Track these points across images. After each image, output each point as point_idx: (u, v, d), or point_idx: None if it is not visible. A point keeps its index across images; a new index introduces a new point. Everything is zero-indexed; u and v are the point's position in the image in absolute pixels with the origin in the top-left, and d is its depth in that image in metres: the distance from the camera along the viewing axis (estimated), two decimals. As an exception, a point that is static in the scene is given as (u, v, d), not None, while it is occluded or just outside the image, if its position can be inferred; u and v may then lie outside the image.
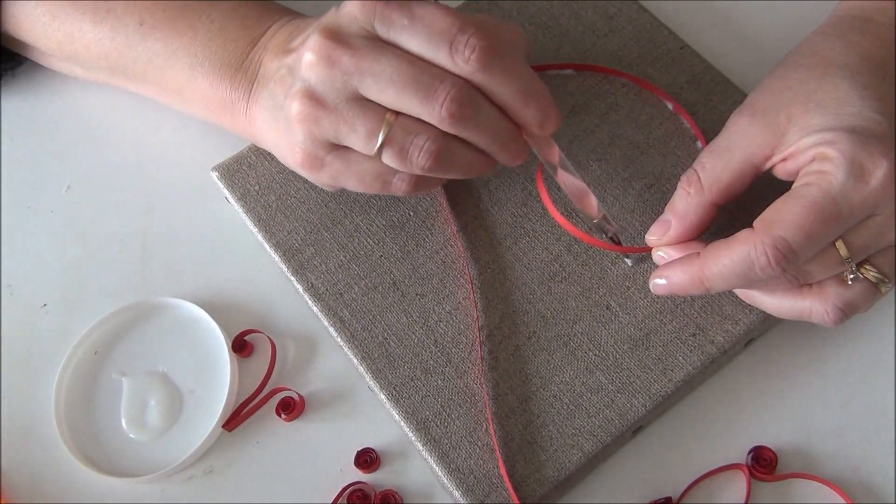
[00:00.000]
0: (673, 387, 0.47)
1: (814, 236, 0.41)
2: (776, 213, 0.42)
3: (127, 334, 0.53)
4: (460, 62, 0.42)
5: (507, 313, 0.50)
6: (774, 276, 0.42)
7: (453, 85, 0.42)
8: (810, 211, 0.41)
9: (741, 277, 0.43)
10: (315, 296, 0.51)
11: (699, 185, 0.46)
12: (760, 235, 0.42)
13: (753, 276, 0.42)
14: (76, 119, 0.61)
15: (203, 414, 0.51)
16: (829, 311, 0.44)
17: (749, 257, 0.42)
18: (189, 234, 0.56)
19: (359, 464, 0.49)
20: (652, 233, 0.48)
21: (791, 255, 0.41)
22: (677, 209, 0.47)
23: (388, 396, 0.48)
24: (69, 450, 0.50)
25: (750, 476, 0.47)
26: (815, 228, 0.41)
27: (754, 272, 0.42)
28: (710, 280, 0.44)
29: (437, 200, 0.53)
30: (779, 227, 0.42)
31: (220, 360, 0.52)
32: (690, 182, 0.46)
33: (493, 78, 0.42)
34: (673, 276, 0.46)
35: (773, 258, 0.41)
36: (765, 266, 0.42)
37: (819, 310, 0.44)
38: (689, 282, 0.45)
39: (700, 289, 0.45)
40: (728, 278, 0.43)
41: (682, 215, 0.46)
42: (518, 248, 0.51)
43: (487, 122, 0.43)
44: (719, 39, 0.60)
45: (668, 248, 0.47)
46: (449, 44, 0.41)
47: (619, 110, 0.55)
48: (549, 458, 0.46)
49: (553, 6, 0.58)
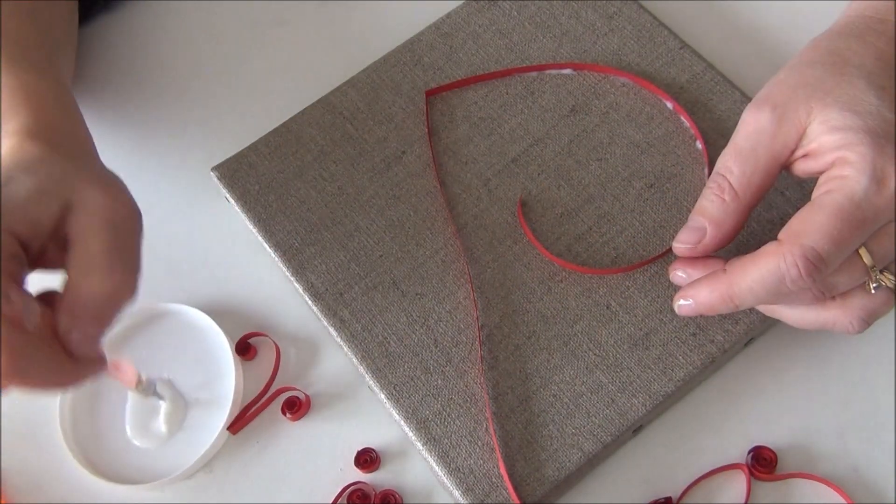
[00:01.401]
0: (673, 386, 0.47)
1: (842, 244, 0.41)
2: (802, 224, 0.42)
3: (132, 340, 0.53)
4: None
5: (507, 313, 0.50)
6: (805, 288, 0.42)
7: None
8: (837, 218, 0.41)
9: (771, 291, 0.42)
10: (315, 296, 0.51)
11: (732, 190, 0.45)
12: (789, 247, 0.41)
13: (784, 289, 0.42)
14: (76, 119, 0.61)
15: (208, 421, 0.51)
16: (853, 323, 0.43)
17: (779, 270, 0.41)
18: (188, 234, 0.56)
19: (359, 463, 0.49)
20: (684, 241, 0.46)
21: (821, 265, 0.41)
22: (713, 216, 0.45)
23: (388, 396, 0.48)
24: (73, 455, 0.50)
25: (750, 476, 0.47)
26: (843, 235, 0.41)
27: (785, 285, 0.42)
28: (739, 297, 0.43)
29: (437, 200, 0.53)
30: (807, 236, 0.41)
31: (224, 366, 0.52)
32: (723, 189, 0.45)
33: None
34: (699, 295, 0.45)
35: (804, 269, 0.41)
36: (796, 278, 0.41)
37: (843, 322, 0.44)
38: (718, 300, 0.44)
39: (729, 306, 0.44)
40: (758, 293, 0.43)
41: (718, 222, 0.45)
42: (518, 247, 0.51)
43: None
44: (719, 39, 0.60)
45: (687, 268, 0.47)
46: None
47: (619, 110, 0.55)
48: (549, 458, 0.46)
49: (553, 6, 0.58)
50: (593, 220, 0.52)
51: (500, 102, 0.56)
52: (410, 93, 0.56)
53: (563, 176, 0.53)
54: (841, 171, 0.42)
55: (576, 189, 0.53)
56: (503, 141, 0.54)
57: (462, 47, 0.58)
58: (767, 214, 0.51)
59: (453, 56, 0.57)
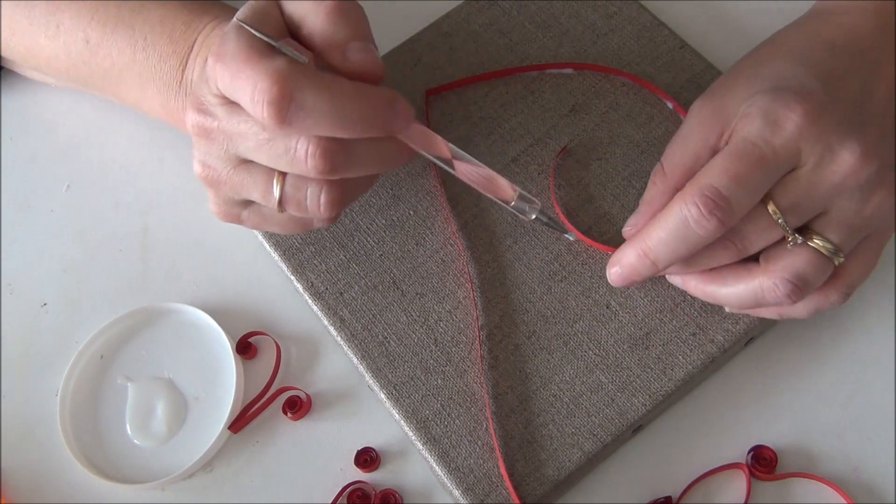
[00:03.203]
0: (673, 386, 0.47)
1: (740, 180, 0.42)
2: (702, 171, 0.43)
3: (133, 339, 0.53)
4: (261, 112, 0.39)
5: (507, 312, 0.50)
6: (711, 230, 0.42)
7: (308, 140, 0.40)
8: (731, 156, 0.42)
9: (681, 240, 0.43)
10: (315, 295, 0.51)
11: (662, 172, 0.46)
12: (689, 188, 0.42)
13: (692, 234, 0.42)
14: (76, 119, 0.61)
15: (208, 421, 0.51)
16: (778, 285, 0.43)
17: (681, 213, 0.42)
18: (189, 234, 0.56)
19: (359, 463, 0.49)
20: (628, 224, 0.48)
21: (722, 201, 0.41)
22: (646, 198, 0.47)
23: (388, 395, 0.48)
24: (73, 454, 0.50)
25: (750, 475, 0.47)
26: (739, 171, 0.42)
27: (691, 229, 0.42)
28: (653, 251, 0.44)
29: (436, 200, 0.53)
30: (704, 176, 0.42)
31: (225, 365, 0.52)
32: (656, 172, 0.47)
33: (304, 121, 0.39)
34: (623, 258, 0.46)
35: (703, 206, 0.41)
36: (698, 217, 0.42)
37: (768, 285, 0.44)
38: (636, 258, 0.45)
39: (647, 264, 0.45)
40: (669, 243, 0.43)
41: (649, 202, 0.46)
42: (518, 247, 0.51)
43: (359, 156, 0.41)
44: (719, 39, 0.60)
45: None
46: (250, 96, 0.39)
47: (619, 109, 0.55)
48: (549, 457, 0.46)
49: (553, 5, 0.58)
50: (593, 219, 0.52)
51: (500, 102, 0.56)
52: (410, 92, 0.56)
53: (563, 176, 0.53)
54: (739, 123, 0.44)
55: (576, 189, 0.53)
56: (503, 140, 0.54)
57: (462, 47, 0.58)
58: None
59: (453, 55, 0.57)
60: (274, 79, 0.38)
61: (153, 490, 0.49)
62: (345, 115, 0.39)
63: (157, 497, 0.49)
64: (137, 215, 0.57)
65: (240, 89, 0.39)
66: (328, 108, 0.39)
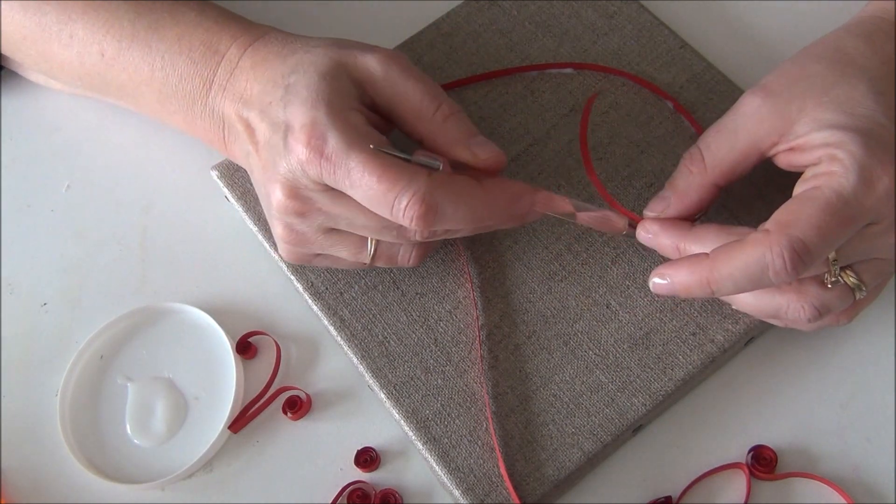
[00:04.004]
0: (673, 386, 0.47)
1: (829, 238, 0.41)
2: (790, 215, 0.41)
3: (133, 339, 0.53)
4: (405, 222, 0.43)
5: (507, 312, 0.50)
6: (786, 279, 0.41)
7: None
8: (826, 212, 0.41)
9: (752, 280, 0.42)
10: (315, 295, 0.51)
11: (702, 164, 0.45)
12: (777, 237, 0.40)
13: (765, 279, 0.41)
14: (76, 119, 0.61)
15: (208, 421, 0.51)
16: (805, 307, 0.43)
17: (764, 259, 0.41)
18: (189, 234, 0.56)
19: (359, 463, 0.49)
20: (650, 208, 0.47)
21: (807, 258, 0.40)
22: (677, 186, 0.46)
23: (388, 395, 0.48)
24: (73, 454, 0.50)
25: (750, 475, 0.47)
26: (830, 230, 0.41)
27: (767, 276, 0.41)
28: (717, 282, 0.42)
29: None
30: (796, 228, 0.40)
31: (224, 365, 0.52)
32: (693, 160, 0.46)
33: (442, 226, 0.43)
34: (678, 275, 0.44)
35: (790, 261, 0.40)
36: (780, 269, 0.40)
37: (796, 306, 0.43)
38: (696, 283, 0.43)
39: (705, 291, 0.43)
40: (738, 281, 0.42)
41: (682, 193, 0.46)
42: (518, 247, 0.51)
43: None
44: (719, 39, 0.60)
45: (654, 225, 0.47)
46: (389, 209, 0.42)
47: (619, 109, 0.55)
48: (549, 457, 0.46)
49: (553, 5, 0.58)
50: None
51: (500, 102, 0.56)
52: (410, 92, 0.56)
53: (563, 176, 0.53)
54: (829, 167, 0.42)
55: (576, 189, 0.53)
56: (503, 140, 0.54)
57: (462, 47, 0.58)
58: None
59: (453, 55, 0.57)
60: (420, 197, 0.42)
61: (153, 490, 0.49)
62: (478, 217, 0.44)
63: (157, 497, 0.49)
64: (137, 215, 0.57)
65: (377, 203, 0.42)
66: (465, 214, 0.43)
